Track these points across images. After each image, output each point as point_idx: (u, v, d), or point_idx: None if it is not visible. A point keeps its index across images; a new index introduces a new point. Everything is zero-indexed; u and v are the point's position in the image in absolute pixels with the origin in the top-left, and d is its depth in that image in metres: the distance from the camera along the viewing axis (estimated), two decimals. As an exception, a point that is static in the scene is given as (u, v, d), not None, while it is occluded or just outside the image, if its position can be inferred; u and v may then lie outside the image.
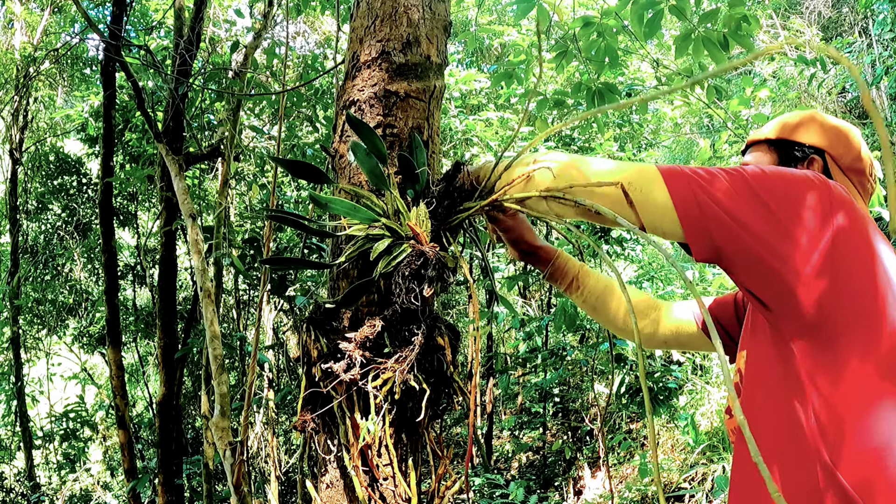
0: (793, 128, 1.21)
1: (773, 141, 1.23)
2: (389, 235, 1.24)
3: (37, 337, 7.75)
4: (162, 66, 4.39)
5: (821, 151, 1.18)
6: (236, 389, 6.82)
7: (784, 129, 1.22)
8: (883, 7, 7.29)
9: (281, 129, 3.13)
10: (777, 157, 1.21)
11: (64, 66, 7.43)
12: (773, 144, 1.23)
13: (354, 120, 1.27)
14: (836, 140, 1.18)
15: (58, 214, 7.39)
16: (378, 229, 1.25)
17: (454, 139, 5.74)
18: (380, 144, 1.26)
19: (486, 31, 6.21)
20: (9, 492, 7.13)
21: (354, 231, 1.26)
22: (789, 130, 1.21)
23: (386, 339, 1.29)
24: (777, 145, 1.22)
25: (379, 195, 1.31)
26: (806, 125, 1.20)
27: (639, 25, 2.74)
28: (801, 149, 1.19)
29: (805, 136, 1.19)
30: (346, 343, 1.24)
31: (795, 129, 1.20)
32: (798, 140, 1.19)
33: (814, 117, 1.22)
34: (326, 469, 1.34)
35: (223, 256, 3.63)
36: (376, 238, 1.24)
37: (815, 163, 1.17)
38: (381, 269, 1.21)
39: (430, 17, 1.44)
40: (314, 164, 1.27)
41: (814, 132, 1.19)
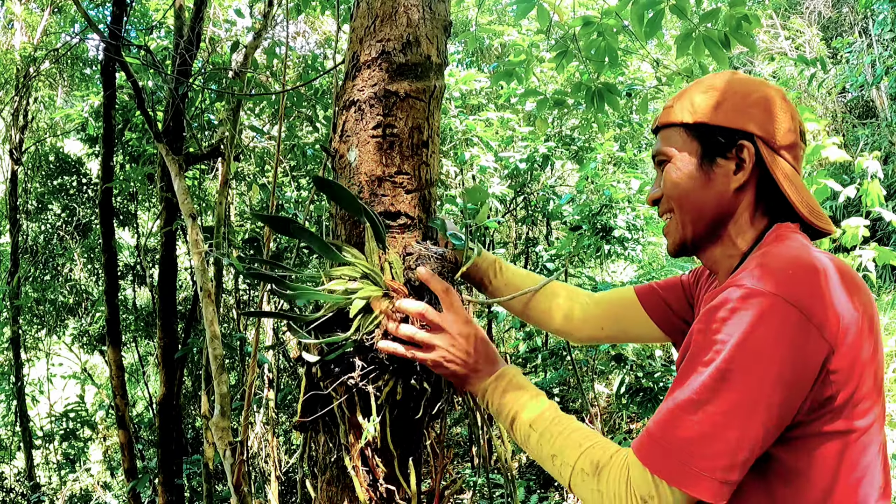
0: (712, 109, 1.02)
1: (690, 126, 1.04)
2: (369, 290, 1.24)
3: (37, 337, 7.74)
4: (162, 66, 4.39)
5: (749, 135, 1.00)
6: (236, 389, 6.82)
7: (701, 110, 1.03)
8: (883, 7, 7.30)
9: (281, 129, 3.13)
10: (698, 148, 1.03)
11: (64, 66, 7.43)
12: (692, 130, 1.04)
13: (321, 181, 1.29)
14: (764, 116, 1.00)
15: (58, 214, 7.39)
16: (358, 283, 1.25)
17: (454, 139, 5.74)
18: (353, 202, 1.26)
19: (486, 31, 6.21)
20: (9, 492, 7.13)
21: (334, 285, 1.25)
22: (709, 112, 1.02)
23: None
24: (696, 132, 1.03)
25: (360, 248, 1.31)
26: (726, 103, 1.02)
27: (639, 25, 2.74)
28: (725, 135, 1.01)
29: (728, 117, 1.01)
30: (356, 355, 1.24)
31: (716, 109, 1.02)
32: (721, 124, 1.01)
33: (731, 87, 1.03)
34: (326, 469, 1.34)
35: (223, 256, 3.63)
36: (354, 291, 1.23)
37: (745, 149, 1.00)
38: (355, 328, 1.22)
39: (430, 17, 1.44)
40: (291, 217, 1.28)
41: (737, 111, 1.01)
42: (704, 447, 0.83)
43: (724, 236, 1.04)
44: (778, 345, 0.81)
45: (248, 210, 6.71)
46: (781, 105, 1.02)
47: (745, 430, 0.82)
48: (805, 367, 0.83)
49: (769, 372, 0.81)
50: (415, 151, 1.38)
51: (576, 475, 0.97)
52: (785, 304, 0.82)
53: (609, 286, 4.31)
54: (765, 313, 0.82)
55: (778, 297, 0.82)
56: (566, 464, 0.99)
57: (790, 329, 0.81)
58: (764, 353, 0.81)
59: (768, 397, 0.81)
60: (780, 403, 0.82)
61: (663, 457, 0.86)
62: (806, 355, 0.82)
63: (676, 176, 1.04)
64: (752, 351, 0.81)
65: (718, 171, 1.02)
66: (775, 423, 0.83)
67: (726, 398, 0.82)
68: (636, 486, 0.88)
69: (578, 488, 0.98)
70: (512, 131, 5.69)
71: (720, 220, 1.03)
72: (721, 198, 1.02)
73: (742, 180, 1.01)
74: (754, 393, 0.81)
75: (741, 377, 0.82)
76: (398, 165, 1.36)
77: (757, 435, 0.82)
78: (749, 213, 1.03)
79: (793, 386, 0.82)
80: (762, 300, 0.83)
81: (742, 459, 0.83)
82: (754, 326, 0.82)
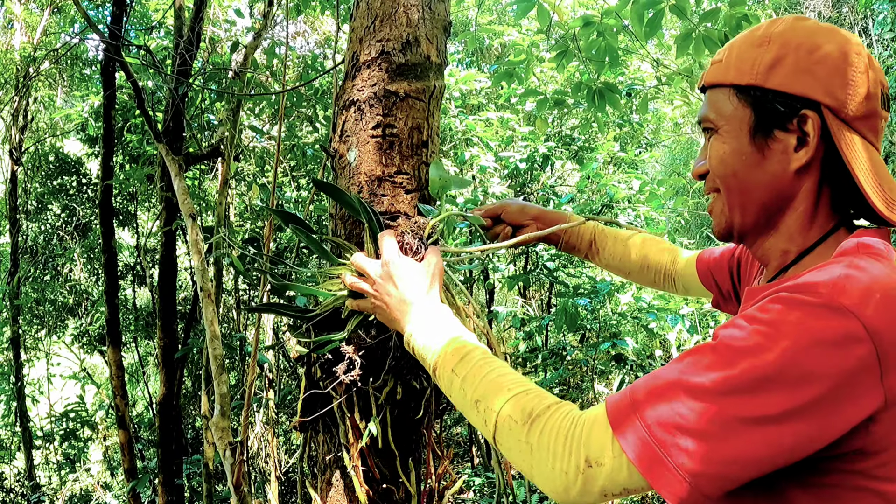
0: (768, 67, 0.81)
1: (741, 88, 0.84)
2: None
3: (36, 337, 7.74)
4: (162, 66, 4.39)
5: (815, 104, 0.79)
6: (236, 389, 6.82)
7: (755, 68, 0.82)
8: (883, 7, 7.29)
9: (281, 129, 3.13)
10: (751, 116, 0.83)
11: (64, 66, 7.43)
12: (743, 94, 0.83)
13: (321, 183, 1.29)
14: (834, 79, 0.79)
15: (57, 214, 7.39)
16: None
17: (454, 139, 5.74)
18: (352, 202, 1.26)
19: (486, 31, 6.21)
20: (9, 492, 7.13)
21: (331, 284, 1.26)
22: (764, 71, 0.81)
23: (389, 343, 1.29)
24: (749, 96, 0.83)
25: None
26: (787, 60, 0.80)
27: (639, 25, 2.74)
28: (785, 101, 0.80)
29: (788, 79, 0.80)
30: (345, 345, 1.24)
31: (772, 69, 0.81)
32: (778, 88, 0.80)
33: (793, 39, 0.81)
34: (326, 469, 1.34)
35: (223, 256, 3.63)
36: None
37: (809, 121, 0.80)
38: (350, 327, 1.22)
39: (430, 17, 1.44)
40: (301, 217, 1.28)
41: (800, 71, 0.79)
42: (694, 443, 0.68)
43: (779, 226, 0.86)
44: (832, 371, 0.65)
45: (248, 210, 6.71)
46: (857, 63, 0.79)
47: (751, 445, 0.67)
48: (848, 407, 0.66)
49: (807, 395, 0.65)
50: (415, 151, 1.38)
51: (502, 423, 0.82)
52: (861, 330, 0.65)
53: (608, 286, 4.31)
54: (836, 333, 0.66)
55: (857, 322, 0.66)
56: (490, 409, 0.85)
57: (854, 362, 0.65)
58: (815, 373, 0.65)
59: (794, 424, 0.66)
60: (802, 433, 0.66)
61: (638, 430, 0.71)
62: (857, 396, 0.66)
63: (723, 150, 0.86)
64: (802, 366, 0.65)
65: (775, 146, 0.82)
66: (785, 453, 0.67)
67: (746, 403, 0.66)
68: (585, 444, 0.74)
69: (503, 438, 0.83)
70: (512, 131, 5.69)
71: (775, 207, 0.85)
72: (777, 180, 0.83)
73: (804, 159, 0.81)
74: (781, 410, 0.66)
75: (776, 388, 0.66)
76: (398, 165, 1.36)
77: (759, 456, 0.67)
78: (810, 202, 0.83)
79: (824, 422, 0.66)
80: (839, 318, 0.66)
81: (729, 475, 0.68)
82: (817, 341, 0.66)
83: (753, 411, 0.66)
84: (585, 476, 0.74)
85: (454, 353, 0.94)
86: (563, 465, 0.75)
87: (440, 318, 1.01)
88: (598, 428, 0.74)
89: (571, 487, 0.75)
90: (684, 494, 0.69)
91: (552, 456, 0.76)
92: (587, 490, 0.74)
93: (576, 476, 0.74)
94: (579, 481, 0.74)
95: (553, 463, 0.76)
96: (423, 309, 1.03)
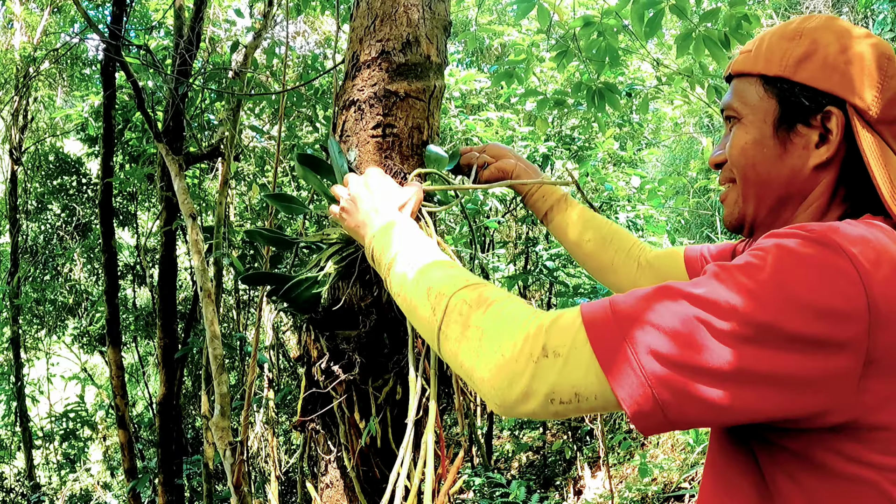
0: (798, 61, 0.81)
1: (769, 79, 0.83)
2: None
3: (36, 337, 7.75)
4: (162, 66, 4.39)
5: (840, 101, 0.78)
6: (236, 389, 6.82)
7: (784, 61, 0.82)
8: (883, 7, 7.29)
9: (281, 129, 3.13)
10: (776, 108, 0.82)
11: (64, 66, 7.43)
12: (770, 85, 0.83)
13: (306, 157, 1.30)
14: (862, 79, 0.78)
15: (57, 214, 7.39)
16: None
17: (454, 139, 5.74)
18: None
19: (486, 31, 6.21)
20: (9, 492, 7.13)
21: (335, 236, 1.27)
22: (793, 64, 0.81)
23: (386, 340, 1.29)
24: (775, 88, 0.82)
25: None
26: (817, 55, 0.80)
27: (639, 25, 2.74)
28: (810, 96, 0.79)
29: (817, 74, 0.79)
30: (345, 344, 1.24)
31: (802, 63, 0.80)
32: (806, 82, 0.80)
33: (826, 36, 0.80)
34: (326, 469, 1.34)
35: (223, 256, 3.63)
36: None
37: (833, 118, 0.78)
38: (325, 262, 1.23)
39: (430, 16, 1.44)
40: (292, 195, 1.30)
41: (829, 68, 0.79)
42: (662, 342, 0.62)
43: (790, 221, 0.84)
44: (818, 302, 0.60)
45: (249, 210, 6.71)
46: (887, 67, 0.79)
47: (721, 358, 0.60)
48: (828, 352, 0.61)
49: (789, 322, 0.60)
50: (415, 151, 1.38)
51: (452, 308, 0.76)
52: (852, 270, 0.61)
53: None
54: (826, 263, 0.62)
55: (849, 262, 0.62)
56: (442, 294, 0.79)
57: (841, 300, 0.60)
58: (800, 301, 0.60)
59: (767, 349, 0.60)
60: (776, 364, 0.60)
61: (609, 323, 0.64)
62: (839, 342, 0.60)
63: (745, 140, 0.84)
64: (788, 289, 0.61)
65: (797, 140, 0.81)
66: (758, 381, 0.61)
67: (725, 313, 0.61)
68: (546, 332, 0.67)
69: (450, 328, 0.76)
70: (512, 131, 5.69)
71: (790, 202, 0.83)
72: (795, 175, 0.82)
73: (824, 156, 0.79)
74: (758, 329, 0.60)
75: (757, 306, 0.61)
76: (398, 165, 1.36)
77: (728, 373, 0.60)
78: (825, 199, 0.81)
79: (804, 359, 0.60)
80: (831, 252, 0.62)
81: (695, 393, 0.61)
82: (806, 266, 0.62)
83: (731, 325, 0.60)
84: (537, 366, 0.66)
85: (413, 247, 0.91)
86: (514, 351, 0.68)
87: (407, 226, 0.98)
88: (565, 318, 0.68)
89: (517, 381, 0.67)
90: (643, 401, 0.62)
91: (504, 340, 0.69)
92: (533, 388, 0.66)
93: (525, 364, 0.67)
94: (527, 373, 0.66)
95: (502, 349, 0.69)
96: (390, 217, 1.01)
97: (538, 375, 0.66)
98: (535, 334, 0.68)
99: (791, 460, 0.68)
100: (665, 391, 0.61)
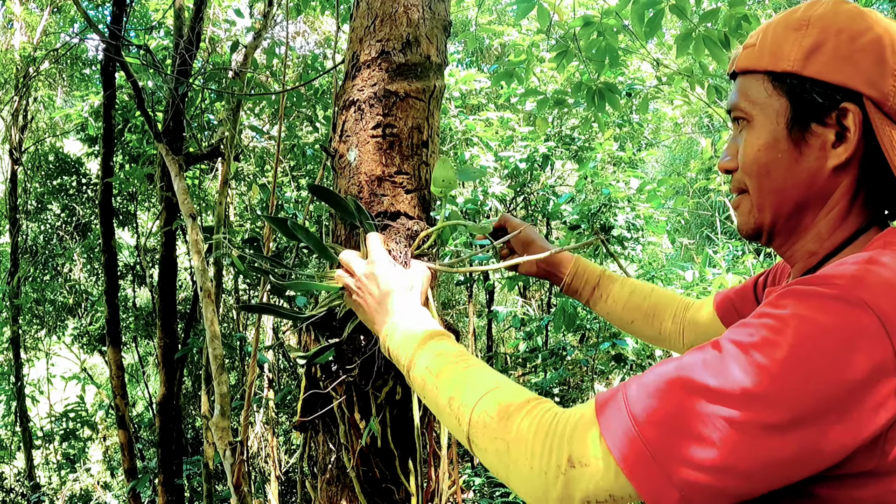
0: (806, 54, 0.73)
1: (777, 76, 0.76)
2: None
3: (36, 337, 7.75)
4: (162, 66, 4.39)
5: (856, 95, 0.72)
6: (236, 389, 6.82)
7: (792, 55, 0.74)
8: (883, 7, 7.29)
9: (281, 129, 3.13)
10: (787, 107, 0.75)
11: (64, 66, 7.43)
12: (779, 81, 0.76)
13: (318, 189, 1.30)
14: (877, 68, 0.71)
15: (57, 214, 7.39)
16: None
17: (454, 139, 5.74)
18: (347, 208, 1.28)
19: (486, 31, 6.21)
20: (9, 492, 7.13)
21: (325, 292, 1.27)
22: (801, 58, 0.74)
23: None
24: (785, 85, 0.75)
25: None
26: (827, 46, 0.73)
27: (639, 25, 2.74)
28: (823, 91, 0.73)
29: (828, 67, 0.72)
30: (346, 344, 1.24)
31: (811, 56, 0.73)
32: (817, 77, 0.73)
33: (835, 24, 0.73)
34: (326, 469, 1.34)
35: (223, 256, 3.63)
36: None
37: (849, 114, 0.72)
38: (348, 330, 1.23)
39: (430, 16, 1.44)
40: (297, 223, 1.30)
41: (841, 59, 0.72)
42: (685, 446, 0.60)
43: (810, 227, 0.79)
44: (845, 373, 0.58)
45: (248, 210, 6.71)
46: None
47: (748, 453, 0.59)
48: (861, 416, 0.58)
49: (816, 400, 0.58)
50: (415, 151, 1.38)
51: (476, 420, 0.75)
52: (879, 328, 0.59)
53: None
54: (851, 329, 0.59)
55: (875, 318, 0.59)
56: (464, 406, 0.78)
57: (869, 364, 0.58)
58: (825, 375, 0.58)
59: (798, 432, 0.58)
60: (806, 444, 0.58)
61: (628, 428, 0.63)
62: (871, 403, 0.58)
63: (758, 145, 0.78)
64: (811, 366, 0.58)
65: (813, 141, 0.75)
66: (786, 465, 0.59)
67: (746, 406, 0.59)
68: (568, 441, 0.66)
69: (477, 437, 0.75)
70: (512, 131, 5.69)
71: (809, 207, 0.78)
72: (813, 178, 0.75)
73: (844, 156, 0.73)
74: (785, 416, 0.58)
75: (780, 391, 0.58)
76: (398, 165, 1.36)
77: (754, 467, 0.59)
78: (846, 202, 0.76)
79: (833, 432, 0.58)
80: (855, 312, 0.59)
81: (721, 487, 0.60)
82: (829, 338, 0.59)
83: (753, 416, 0.58)
84: (567, 477, 0.66)
85: (428, 351, 0.89)
86: (543, 464, 0.67)
87: (417, 319, 0.97)
88: (583, 424, 0.66)
89: (551, 490, 0.67)
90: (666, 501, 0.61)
91: (530, 454, 0.68)
92: (568, 494, 0.66)
93: (556, 477, 0.66)
94: (559, 483, 0.66)
95: (531, 462, 0.68)
96: (400, 310, 1.00)
97: (570, 485, 0.66)
98: (558, 446, 0.67)
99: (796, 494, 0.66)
100: (694, 491, 0.60)
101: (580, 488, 0.65)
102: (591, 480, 0.65)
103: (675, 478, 0.60)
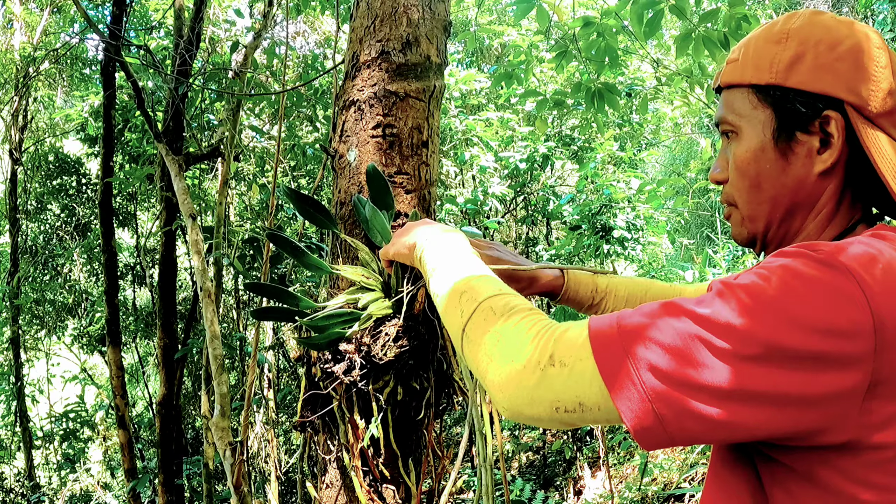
0: (788, 65, 0.77)
1: (760, 87, 0.80)
2: (375, 306, 1.27)
3: (36, 337, 7.75)
4: (162, 66, 4.39)
5: (837, 102, 0.75)
6: (236, 389, 6.82)
7: (774, 66, 0.78)
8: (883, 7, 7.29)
9: (281, 129, 3.13)
10: (772, 118, 0.79)
11: (63, 66, 7.43)
12: (763, 94, 0.79)
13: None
14: (856, 74, 0.75)
15: (57, 214, 7.39)
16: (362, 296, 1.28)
17: (454, 139, 5.74)
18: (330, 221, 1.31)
19: (486, 31, 6.21)
20: (9, 492, 7.13)
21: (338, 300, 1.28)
22: (783, 69, 0.77)
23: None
24: (768, 97, 0.79)
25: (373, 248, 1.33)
26: (807, 57, 0.76)
27: (639, 25, 2.74)
28: (805, 101, 0.76)
29: (809, 77, 0.76)
30: (345, 344, 1.24)
31: (792, 66, 0.77)
32: (799, 87, 0.76)
33: (812, 35, 0.77)
34: (326, 469, 1.34)
35: (223, 256, 3.63)
36: (356, 302, 1.27)
37: (832, 121, 0.76)
38: (360, 325, 1.24)
39: (430, 16, 1.44)
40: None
41: (821, 69, 0.76)
42: (662, 358, 0.62)
43: (800, 231, 0.82)
44: (823, 324, 0.60)
45: (249, 210, 6.71)
46: (879, 57, 0.76)
47: (721, 375, 0.60)
48: (831, 373, 0.60)
49: (791, 342, 0.60)
50: (415, 151, 1.38)
51: (479, 311, 0.79)
52: (859, 294, 0.61)
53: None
54: (832, 286, 0.61)
55: (855, 284, 0.61)
56: (474, 299, 0.82)
57: (846, 323, 0.60)
58: (803, 322, 0.60)
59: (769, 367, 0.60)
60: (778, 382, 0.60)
61: (614, 338, 0.65)
62: (843, 363, 0.60)
63: (746, 156, 0.81)
64: (790, 310, 0.60)
65: (799, 149, 0.78)
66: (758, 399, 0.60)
67: (726, 332, 0.61)
68: (555, 342, 0.69)
69: (472, 329, 0.79)
70: (512, 131, 5.70)
71: (797, 211, 0.81)
72: (801, 184, 0.79)
73: (829, 161, 0.77)
74: (759, 349, 0.60)
75: (760, 325, 0.61)
76: (398, 165, 1.36)
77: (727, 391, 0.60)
78: (833, 204, 0.80)
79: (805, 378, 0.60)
80: (837, 274, 0.62)
81: (693, 409, 0.61)
82: (812, 289, 0.61)
83: (732, 346, 0.60)
84: (544, 374, 0.68)
85: (456, 255, 0.93)
86: (525, 358, 0.70)
87: (456, 240, 1.00)
88: (574, 330, 0.69)
89: (524, 387, 0.69)
90: (644, 416, 0.62)
91: (516, 348, 0.71)
92: (539, 395, 0.68)
93: (533, 371, 0.69)
94: (534, 378, 0.68)
95: (515, 354, 0.71)
96: (440, 233, 1.02)
97: (544, 383, 0.68)
98: (544, 344, 0.70)
99: (791, 477, 0.68)
100: (664, 407, 0.62)
101: (553, 389, 0.68)
102: (565, 383, 0.67)
103: (648, 386, 0.62)
